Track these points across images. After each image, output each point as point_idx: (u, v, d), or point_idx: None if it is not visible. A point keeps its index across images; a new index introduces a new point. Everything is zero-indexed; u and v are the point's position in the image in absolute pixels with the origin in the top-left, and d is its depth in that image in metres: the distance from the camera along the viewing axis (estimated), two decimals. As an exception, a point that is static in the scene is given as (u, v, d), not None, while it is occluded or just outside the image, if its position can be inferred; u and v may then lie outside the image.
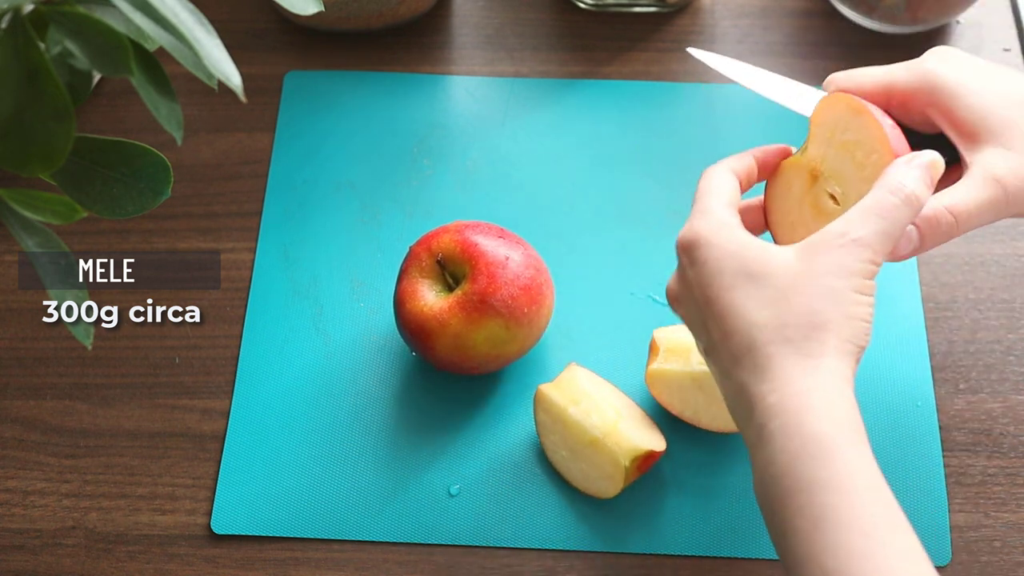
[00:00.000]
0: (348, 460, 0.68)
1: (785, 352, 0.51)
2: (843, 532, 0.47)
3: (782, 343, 0.51)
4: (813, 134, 0.60)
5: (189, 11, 0.45)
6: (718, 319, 0.53)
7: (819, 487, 0.48)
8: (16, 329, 0.74)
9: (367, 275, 0.75)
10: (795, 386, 0.50)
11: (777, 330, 0.51)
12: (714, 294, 0.53)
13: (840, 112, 0.59)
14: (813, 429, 0.49)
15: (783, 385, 0.50)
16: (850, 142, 0.58)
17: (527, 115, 0.82)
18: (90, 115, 0.81)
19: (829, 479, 0.48)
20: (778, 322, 0.51)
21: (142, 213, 0.51)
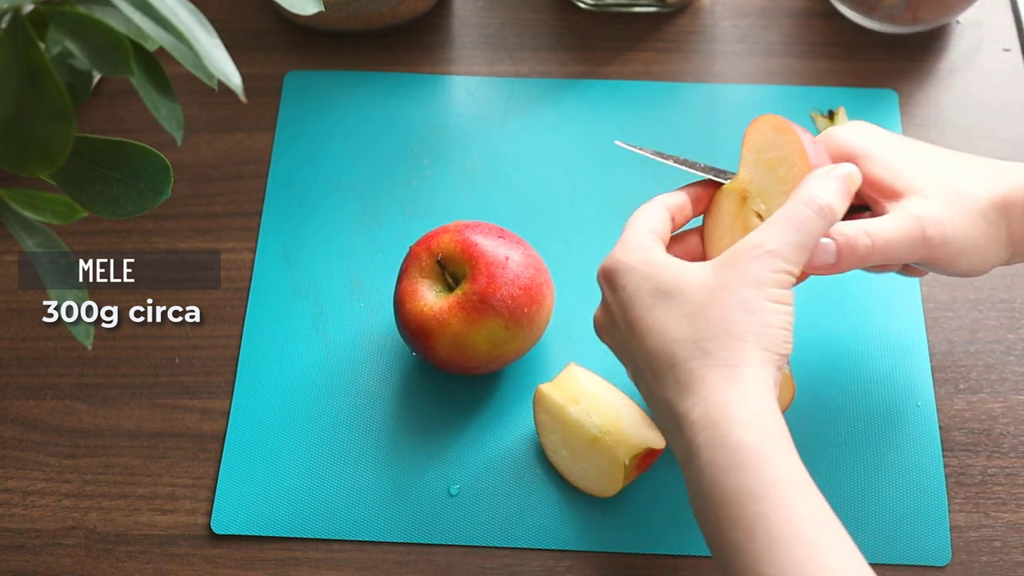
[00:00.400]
0: (348, 460, 0.68)
1: (705, 364, 0.52)
2: (776, 541, 0.48)
3: (701, 356, 0.52)
4: (743, 158, 0.62)
5: (189, 11, 0.45)
6: (640, 340, 0.54)
7: (748, 497, 0.49)
8: (16, 329, 0.74)
9: (367, 275, 0.75)
10: (717, 397, 0.51)
11: (696, 344, 0.52)
12: (634, 316, 0.55)
13: (765, 132, 0.61)
14: (738, 439, 0.50)
15: (705, 398, 0.51)
16: (774, 159, 0.59)
17: (527, 115, 0.82)
18: (90, 115, 0.81)
19: (757, 489, 0.49)
20: (696, 335, 0.52)
21: (142, 213, 0.51)
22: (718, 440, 0.50)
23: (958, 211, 0.58)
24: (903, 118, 0.81)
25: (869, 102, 0.81)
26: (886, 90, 0.82)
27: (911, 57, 0.84)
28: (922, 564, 0.65)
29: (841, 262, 0.56)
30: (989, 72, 0.83)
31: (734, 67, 0.84)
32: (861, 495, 0.66)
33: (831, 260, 0.56)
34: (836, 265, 0.56)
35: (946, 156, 0.61)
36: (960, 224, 0.58)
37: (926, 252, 0.57)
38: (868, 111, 0.80)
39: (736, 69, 0.84)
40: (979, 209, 0.58)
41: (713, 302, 0.53)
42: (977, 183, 0.59)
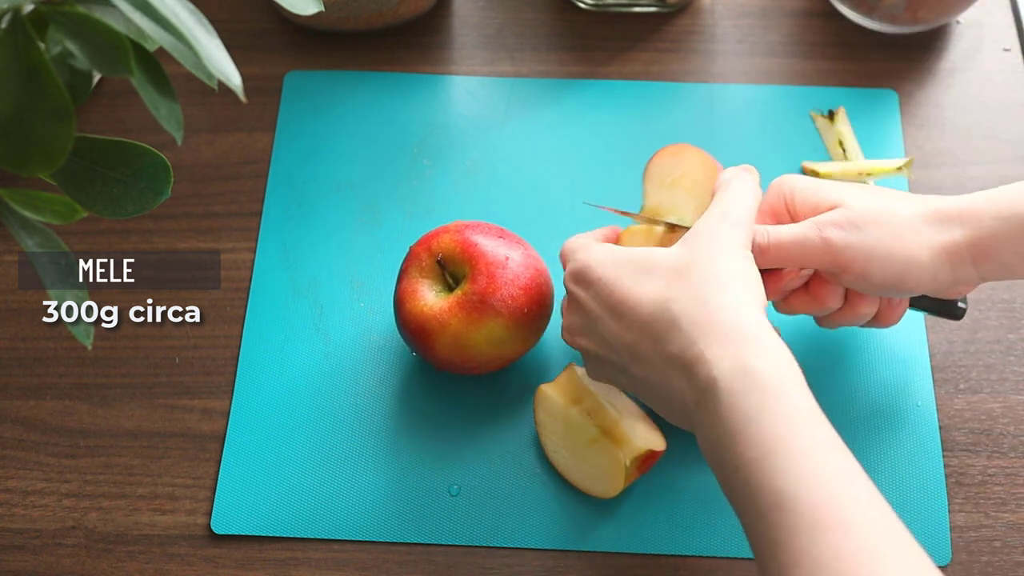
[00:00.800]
0: (348, 460, 0.68)
1: (706, 311, 0.54)
2: (794, 458, 0.49)
3: (701, 304, 0.54)
4: (647, 191, 0.67)
5: (189, 11, 0.45)
6: (631, 314, 0.56)
7: (769, 418, 0.50)
8: (16, 329, 0.74)
9: (367, 275, 0.75)
10: (731, 334, 0.53)
11: (692, 296, 0.55)
12: (619, 296, 0.57)
13: (662, 161, 0.68)
14: (758, 366, 0.52)
15: (718, 337, 0.53)
16: (677, 178, 0.65)
17: (527, 115, 0.82)
18: (90, 115, 0.81)
19: (778, 412, 0.50)
20: (689, 290, 0.55)
21: (142, 213, 0.51)
22: (738, 369, 0.52)
23: (872, 218, 0.60)
24: (903, 118, 0.81)
25: (869, 102, 0.81)
26: (886, 90, 0.82)
27: (911, 57, 0.84)
28: (922, 564, 0.65)
29: None
30: (989, 72, 0.83)
31: (734, 67, 0.84)
32: (861, 495, 0.66)
33: None
34: None
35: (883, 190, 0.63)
36: (873, 232, 0.59)
37: (830, 257, 0.60)
38: (868, 111, 0.81)
39: (736, 69, 0.84)
40: (902, 220, 0.60)
41: (697, 259, 0.56)
42: (904, 202, 0.61)
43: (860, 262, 0.59)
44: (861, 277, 0.60)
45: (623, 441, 0.64)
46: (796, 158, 0.79)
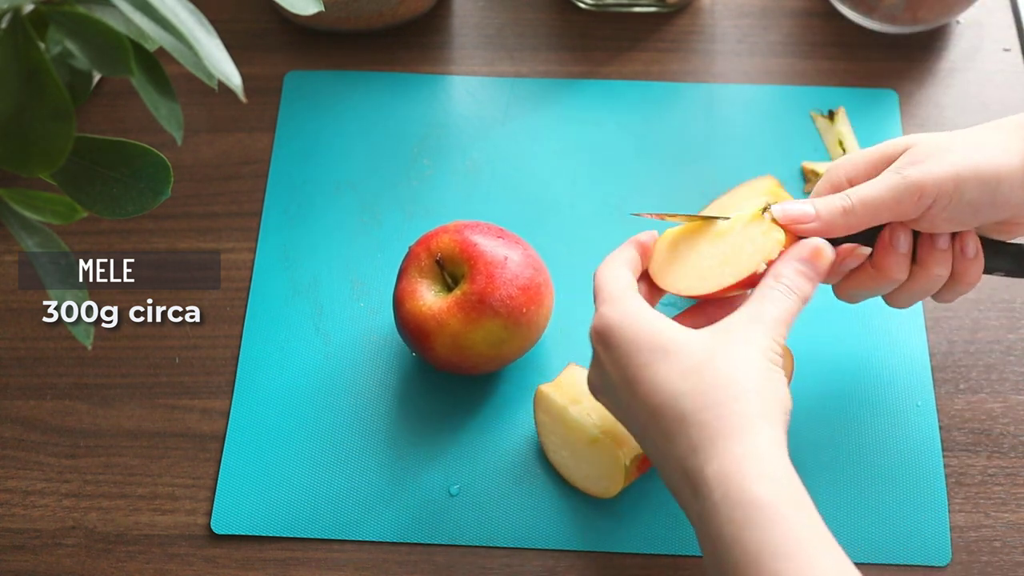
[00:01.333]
0: (348, 460, 0.68)
1: (718, 417, 0.51)
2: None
3: (712, 407, 0.51)
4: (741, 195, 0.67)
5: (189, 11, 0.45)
6: (642, 400, 0.54)
7: (769, 555, 0.48)
8: (16, 329, 0.74)
9: (367, 275, 0.75)
10: (732, 451, 0.50)
11: (703, 396, 0.52)
12: (632, 373, 0.54)
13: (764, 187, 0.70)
14: (756, 494, 0.49)
15: (720, 452, 0.50)
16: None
17: (527, 115, 0.82)
18: (90, 115, 0.81)
19: (779, 547, 0.48)
20: (703, 388, 0.52)
21: (142, 213, 0.51)
22: (736, 495, 0.49)
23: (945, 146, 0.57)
24: (903, 118, 0.81)
25: (869, 102, 0.81)
26: (886, 90, 0.82)
27: (911, 57, 0.84)
28: (922, 564, 0.65)
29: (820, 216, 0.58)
30: (989, 72, 0.83)
31: (734, 67, 0.84)
32: (861, 495, 0.66)
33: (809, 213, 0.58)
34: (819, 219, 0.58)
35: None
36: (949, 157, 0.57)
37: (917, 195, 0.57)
38: (868, 111, 0.81)
39: (736, 69, 0.84)
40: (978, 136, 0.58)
41: (717, 358, 0.53)
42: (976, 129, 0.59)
43: (949, 186, 0.56)
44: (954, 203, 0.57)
45: (623, 441, 0.64)
46: (796, 158, 0.79)
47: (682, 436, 0.52)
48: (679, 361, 0.53)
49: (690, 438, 0.51)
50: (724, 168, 0.79)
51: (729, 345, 0.54)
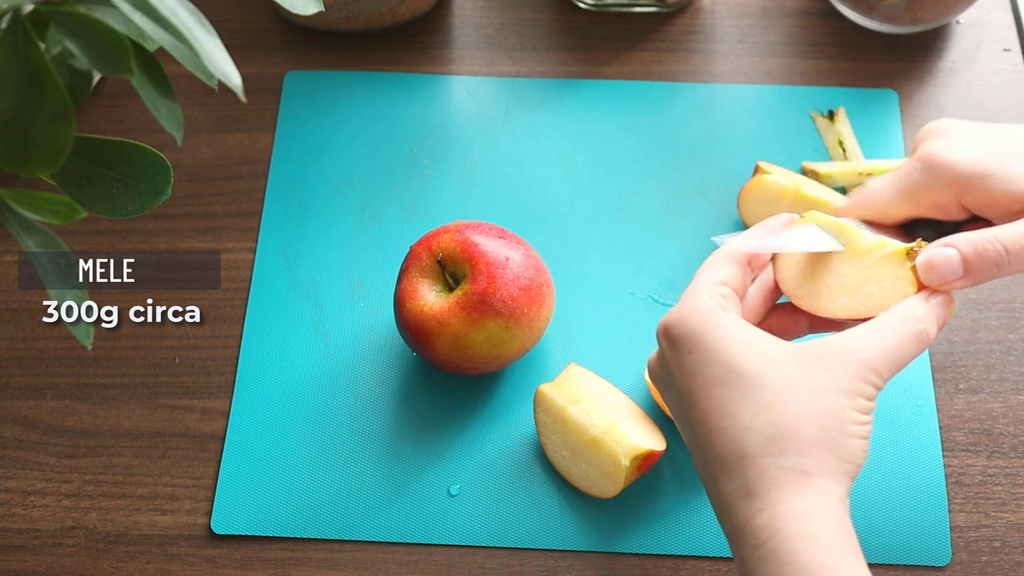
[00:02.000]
0: (348, 460, 0.68)
1: (779, 465, 0.48)
2: None
3: (777, 455, 0.48)
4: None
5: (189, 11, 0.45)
6: (703, 416, 0.50)
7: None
8: (16, 329, 0.74)
9: (367, 275, 0.75)
10: (787, 506, 0.47)
11: (771, 440, 0.48)
12: (698, 388, 0.50)
13: None
14: (807, 558, 0.46)
15: (774, 504, 0.47)
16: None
17: (527, 115, 0.82)
18: (90, 115, 0.81)
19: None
20: (773, 431, 0.48)
21: (142, 213, 0.51)
22: (784, 555, 0.46)
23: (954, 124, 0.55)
24: (903, 118, 0.81)
25: (869, 102, 0.81)
26: (886, 90, 0.82)
27: (911, 57, 0.84)
28: (922, 564, 0.65)
29: (971, 272, 0.52)
30: (989, 72, 0.83)
31: (734, 67, 0.84)
32: (861, 495, 0.66)
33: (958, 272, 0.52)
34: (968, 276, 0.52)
35: None
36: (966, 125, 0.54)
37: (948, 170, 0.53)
38: (868, 111, 0.81)
39: (736, 69, 0.84)
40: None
41: (797, 401, 0.48)
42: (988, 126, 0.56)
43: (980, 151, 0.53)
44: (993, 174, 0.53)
45: (623, 441, 0.64)
46: (796, 158, 0.79)
47: (737, 473, 0.48)
48: (754, 393, 0.49)
49: (746, 480, 0.48)
50: (724, 168, 0.79)
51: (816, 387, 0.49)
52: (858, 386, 0.49)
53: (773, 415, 0.48)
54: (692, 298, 0.53)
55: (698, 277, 0.55)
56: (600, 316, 0.73)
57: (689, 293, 0.53)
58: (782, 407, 0.48)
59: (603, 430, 0.65)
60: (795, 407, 0.48)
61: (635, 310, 0.73)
